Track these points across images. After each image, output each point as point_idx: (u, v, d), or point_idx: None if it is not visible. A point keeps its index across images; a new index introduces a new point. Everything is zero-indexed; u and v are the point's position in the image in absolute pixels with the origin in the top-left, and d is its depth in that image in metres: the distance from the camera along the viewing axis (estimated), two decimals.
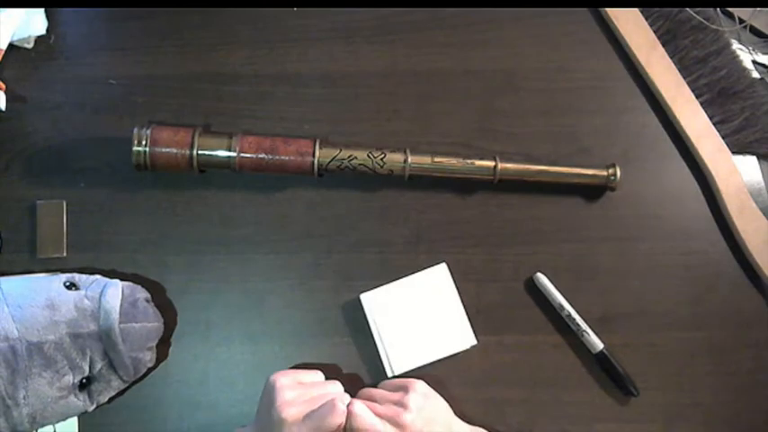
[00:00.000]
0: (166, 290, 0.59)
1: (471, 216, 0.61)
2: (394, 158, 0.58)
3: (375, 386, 0.57)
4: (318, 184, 0.61)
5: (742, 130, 0.62)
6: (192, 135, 0.57)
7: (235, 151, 0.57)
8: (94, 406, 0.54)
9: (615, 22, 0.63)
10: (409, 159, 0.58)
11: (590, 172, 0.60)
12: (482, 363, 0.58)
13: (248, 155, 0.57)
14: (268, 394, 0.50)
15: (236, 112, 0.62)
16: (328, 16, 0.64)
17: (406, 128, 0.62)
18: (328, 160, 0.57)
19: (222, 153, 0.57)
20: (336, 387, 0.53)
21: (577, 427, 0.58)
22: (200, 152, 0.57)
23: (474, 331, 0.57)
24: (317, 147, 0.57)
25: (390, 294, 0.58)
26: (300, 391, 0.50)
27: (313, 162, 0.57)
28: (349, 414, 0.48)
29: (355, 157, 0.57)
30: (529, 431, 0.58)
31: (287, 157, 0.57)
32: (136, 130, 0.56)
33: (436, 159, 0.58)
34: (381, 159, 0.57)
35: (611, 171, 0.59)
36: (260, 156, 0.57)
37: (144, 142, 0.56)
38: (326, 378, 0.55)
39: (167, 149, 0.56)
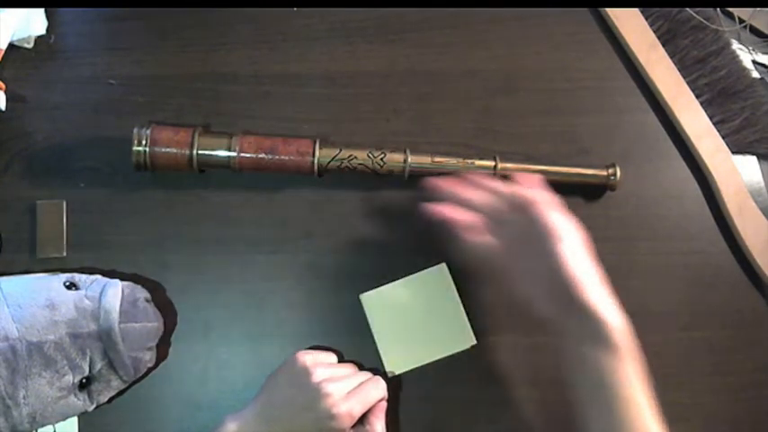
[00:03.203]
0: (166, 290, 0.59)
1: None
2: (394, 158, 0.58)
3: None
4: (318, 184, 0.61)
5: (742, 130, 0.62)
6: (191, 135, 0.57)
7: (235, 151, 0.57)
8: (94, 406, 0.54)
9: (615, 22, 0.63)
10: (409, 159, 0.58)
11: (590, 172, 0.60)
12: (482, 363, 0.58)
13: (248, 154, 0.57)
14: (297, 372, 0.52)
15: (236, 112, 0.62)
16: (328, 16, 0.64)
17: (406, 128, 0.62)
18: (328, 160, 0.57)
19: (222, 153, 0.57)
20: (353, 368, 0.56)
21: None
22: (200, 152, 0.57)
23: (474, 331, 0.57)
24: (317, 147, 0.57)
25: (390, 294, 0.58)
26: (332, 369, 0.53)
27: (313, 162, 0.57)
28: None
29: (355, 157, 0.57)
30: (529, 431, 0.58)
31: (287, 157, 0.57)
32: (136, 130, 0.56)
33: (436, 159, 0.58)
34: (381, 159, 0.57)
35: (611, 171, 0.59)
36: (260, 155, 0.57)
37: (144, 142, 0.56)
38: None
39: (167, 149, 0.56)
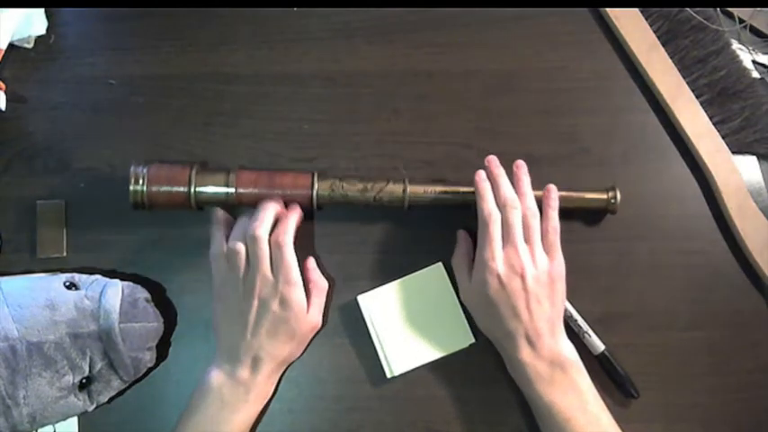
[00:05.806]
0: (166, 290, 0.59)
1: (471, 216, 0.61)
2: (392, 190, 0.57)
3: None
4: None
5: (742, 130, 0.62)
6: (189, 173, 0.55)
7: (232, 187, 0.56)
8: (94, 406, 0.54)
9: (615, 22, 0.63)
10: (408, 190, 0.57)
11: (590, 196, 0.59)
12: (482, 362, 0.58)
13: (246, 190, 0.56)
14: (225, 293, 0.55)
15: (236, 112, 0.62)
16: (328, 16, 0.64)
17: (406, 128, 0.62)
18: (327, 193, 0.57)
19: (220, 190, 0.56)
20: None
21: None
22: (198, 189, 0.56)
23: (472, 329, 0.57)
24: (316, 179, 0.56)
25: (388, 295, 0.58)
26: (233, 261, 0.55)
27: (312, 196, 0.56)
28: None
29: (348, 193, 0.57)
30: (529, 431, 0.58)
31: (287, 191, 0.56)
32: (132, 169, 0.55)
33: (437, 189, 0.58)
34: (378, 193, 0.57)
35: (611, 194, 0.58)
36: (257, 190, 0.56)
37: (141, 181, 0.55)
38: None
39: (165, 188, 0.55)
